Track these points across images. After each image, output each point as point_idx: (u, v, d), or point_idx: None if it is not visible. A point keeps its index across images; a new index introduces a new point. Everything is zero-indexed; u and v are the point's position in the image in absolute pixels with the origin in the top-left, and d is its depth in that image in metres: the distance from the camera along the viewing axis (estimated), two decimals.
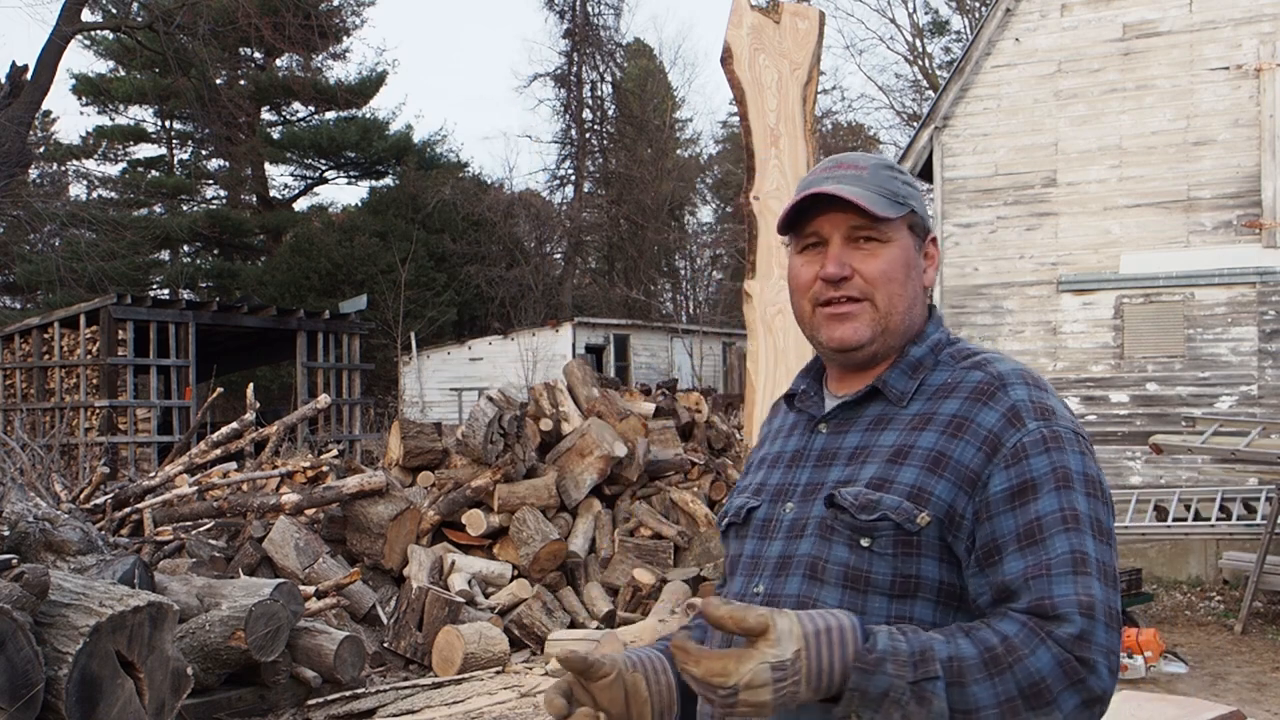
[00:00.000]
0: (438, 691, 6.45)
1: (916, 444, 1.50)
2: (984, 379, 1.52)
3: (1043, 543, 1.40)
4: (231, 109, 27.79)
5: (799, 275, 1.60)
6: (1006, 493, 1.44)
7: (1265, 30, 10.46)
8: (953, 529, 1.46)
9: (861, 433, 1.57)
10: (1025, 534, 1.42)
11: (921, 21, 30.37)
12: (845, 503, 1.49)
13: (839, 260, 1.55)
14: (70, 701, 4.38)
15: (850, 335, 1.56)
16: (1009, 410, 1.48)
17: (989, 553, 1.43)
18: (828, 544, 1.50)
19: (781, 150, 5.06)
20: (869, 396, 1.59)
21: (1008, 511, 1.43)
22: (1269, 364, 10.43)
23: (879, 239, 1.55)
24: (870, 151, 13.89)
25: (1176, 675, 7.12)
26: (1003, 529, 1.43)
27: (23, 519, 5.83)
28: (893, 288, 1.55)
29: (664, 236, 32.83)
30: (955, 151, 11.66)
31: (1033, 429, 1.46)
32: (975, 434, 1.47)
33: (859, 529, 1.48)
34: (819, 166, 1.63)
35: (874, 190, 1.54)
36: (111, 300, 16.66)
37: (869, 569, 1.47)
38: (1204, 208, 10.67)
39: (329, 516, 8.43)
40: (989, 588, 1.42)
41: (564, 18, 32.01)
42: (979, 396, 1.50)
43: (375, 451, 17.85)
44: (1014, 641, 1.34)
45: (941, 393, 1.54)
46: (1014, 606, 1.38)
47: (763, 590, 1.54)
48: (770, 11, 5.16)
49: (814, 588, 1.49)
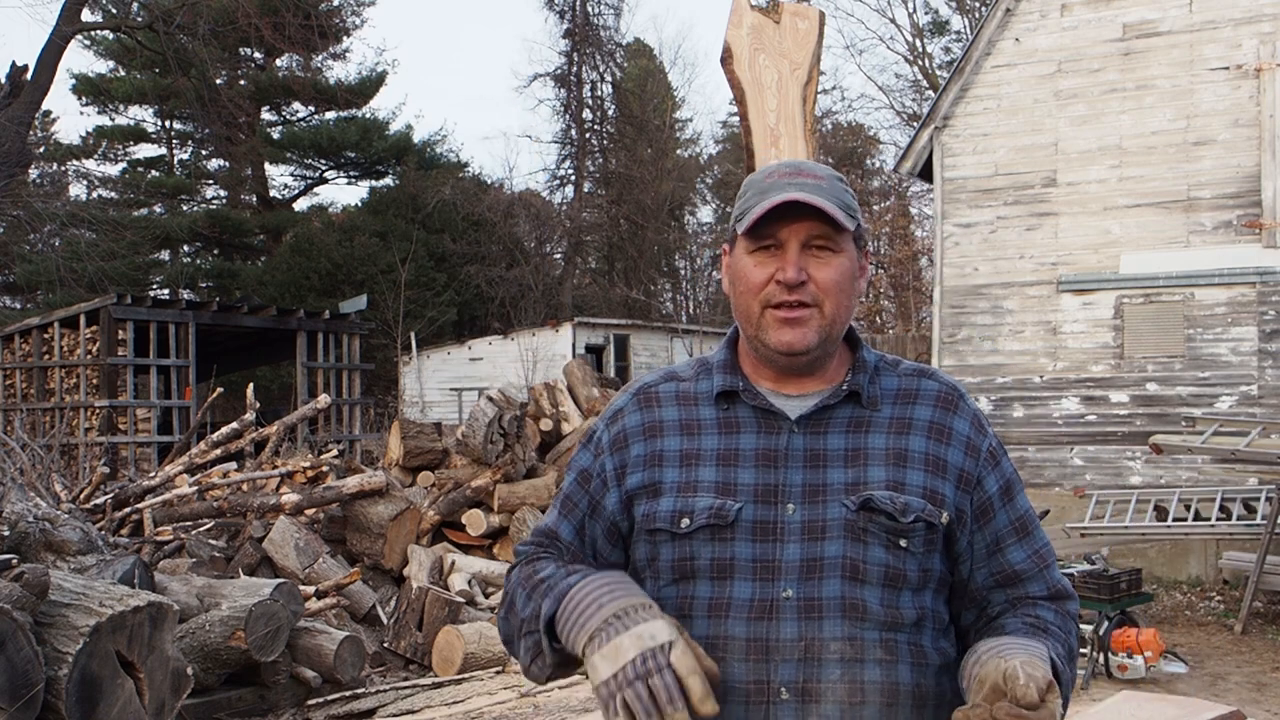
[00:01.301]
0: (438, 691, 6.45)
1: (909, 448, 1.63)
2: (941, 389, 1.70)
3: (1032, 533, 1.69)
4: (231, 109, 27.78)
5: (750, 275, 1.62)
6: (999, 491, 1.67)
7: (1265, 30, 10.46)
8: (960, 525, 1.64)
9: (844, 434, 1.63)
10: (1019, 527, 1.68)
11: (921, 21, 30.39)
12: (885, 506, 1.57)
13: (797, 265, 1.59)
14: (70, 701, 4.38)
15: (799, 340, 1.60)
16: (973, 420, 1.69)
17: (994, 544, 1.66)
18: (862, 545, 1.56)
19: (781, 150, 5.06)
20: (843, 399, 1.66)
21: (1002, 508, 1.67)
22: (1269, 364, 10.43)
23: (833, 248, 1.61)
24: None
25: (1176, 675, 7.12)
26: (1001, 523, 1.67)
27: (23, 519, 5.83)
28: (840, 297, 1.62)
29: (664, 236, 32.83)
30: (955, 151, 11.66)
31: (991, 435, 1.70)
32: (958, 440, 1.66)
33: (898, 531, 1.57)
34: (777, 171, 1.65)
35: (833, 200, 1.60)
36: (111, 300, 16.66)
37: (904, 567, 1.58)
38: (1204, 208, 10.67)
39: (329, 516, 8.43)
40: (993, 574, 1.66)
41: (564, 18, 32.01)
42: (946, 405, 1.68)
43: (375, 451, 17.85)
44: (1060, 630, 1.65)
45: (904, 398, 1.68)
46: (1034, 594, 1.66)
47: (793, 594, 1.55)
48: (770, 11, 5.16)
49: (855, 588, 1.56)
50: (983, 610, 1.67)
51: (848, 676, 1.53)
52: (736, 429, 1.65)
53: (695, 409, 1.69)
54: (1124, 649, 6.99)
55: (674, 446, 1.67)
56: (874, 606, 1.55)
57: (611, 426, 1.74)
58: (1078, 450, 11.09)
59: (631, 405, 1.75)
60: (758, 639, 1.54)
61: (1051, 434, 11.20)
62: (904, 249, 31.05)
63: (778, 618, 1.55)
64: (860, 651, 1.54)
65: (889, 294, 32.41)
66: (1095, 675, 6.92)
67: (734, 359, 1.71)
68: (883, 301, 32.43)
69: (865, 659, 1.53)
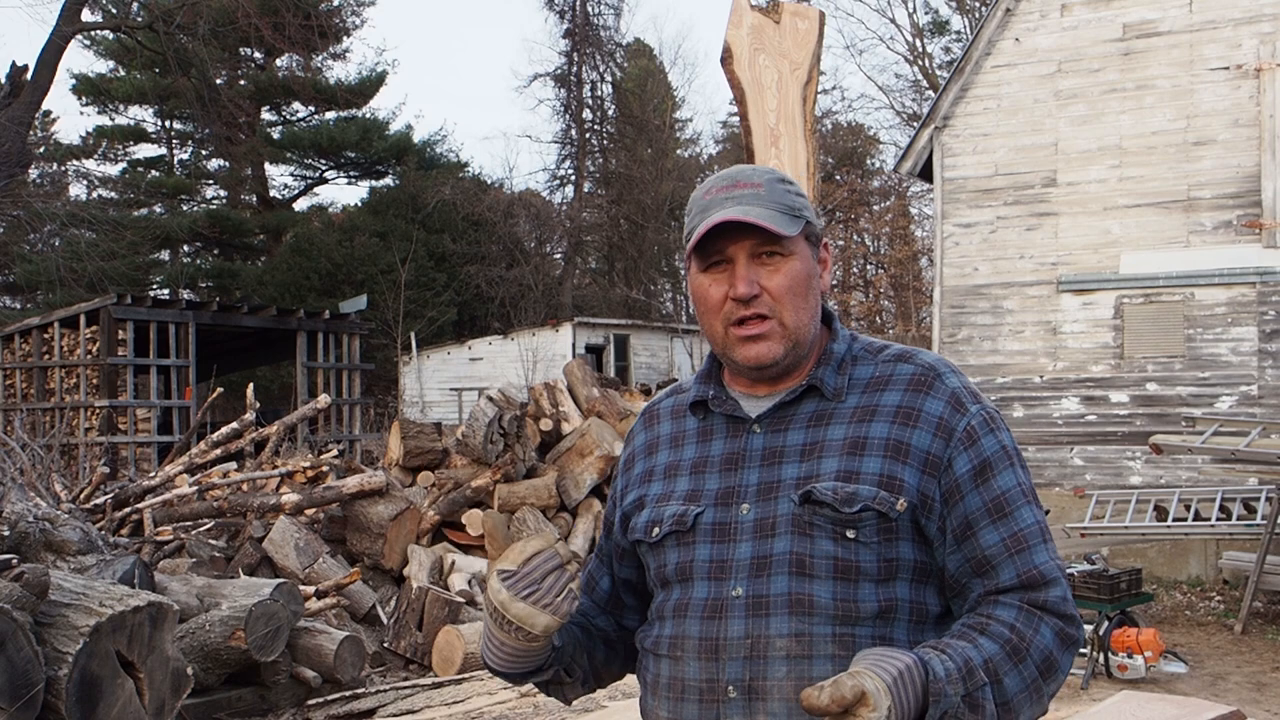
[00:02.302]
0: (438, 691, 6.45)
1: (869, 435, 1.59)
2: (917, 370, 1.64)
3: (1012, 515, 1.57)
4: (231, 109, 27.77)
5: (708, 296, 1.63)
6: (970, 472, 1.57)
7: (1265, 30, 10.46)
8: (925, 511, 1.56)
9: (804, 429, 1.63)
10: (994, 508, 1.56)
11: (921, 21, 30.39)
12: (826, 498, 1.54)
13: (748, 280, 1.59)
14: (70, 701, 4.37)
15: (765, 354, 1.61)
16: (950, 398, 1.61)
17: (964, 528, 1.56)
18: (809, 539, 1.55)
19: (781, 150, 5.06)
20: (803, 395, 1.65)
21: (974, 490, 1.57)
22: (1269, 364, 10.43)
23: (781, 254, 1.61)
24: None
25: (1176, 675, 7.12)
26: (972, 505, 1.56)
27: (23, 519, 5.83)
28: (797, 301, 1.61)
29: (664, 236, 32.81)
30: (955, 151, 11.66)
31: (974, 412, 1.60)
32: (927, 421, 1.59)
33: (843, 521, 1.54)
34: (715, 186, 1.65)
35: (773, 208, 1.60)
36: (111, 300, 16.65)
37: (856, 559, 1.54)
38: (1204, 208, 10.67)
39: (329, 516, 8.43)
40: (966, 561, 1.56)
41: (564, 18, 32.01)
42: (919, 387, 1.62)
43: (375, 451, 17.86)
44: (1019, 628, 1.50)
45: (875, 385, 1.64)
46: (1003, 584, 1.54)
47: (743, 592, 1.56)
48: (770, 11, 5.16)
49: (804, 583, 1.54)
50: (964, 600, 1.59)
51: (794, 674, 1.52)
52: (710, 436, 1.70)
53: (684, 421, 1.75)
54: (1124, 649, 6.99)
55: (663, 460, 1.73)
56: (824, 600, 1.52)
57: (625, 449, 1.85)
58: (1078, 450, 11.09)
59: (639, 426, 1.84)
60: (709, 638, 1.57)
61: (1051, 434, 11.20)
62: (904, 249, 31.05)
63: (727, 616, 1.56)
64: (808, 648, 1.52)
65: (889, 294, 32.41)
66: (1095, 675, 6.92)
67: (715, 368, 1.74)
68: (883, 301, 32.43)
69: (814, 655, 1.52)
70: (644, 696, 1.69)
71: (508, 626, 1.56)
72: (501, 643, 1.60)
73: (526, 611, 1.54)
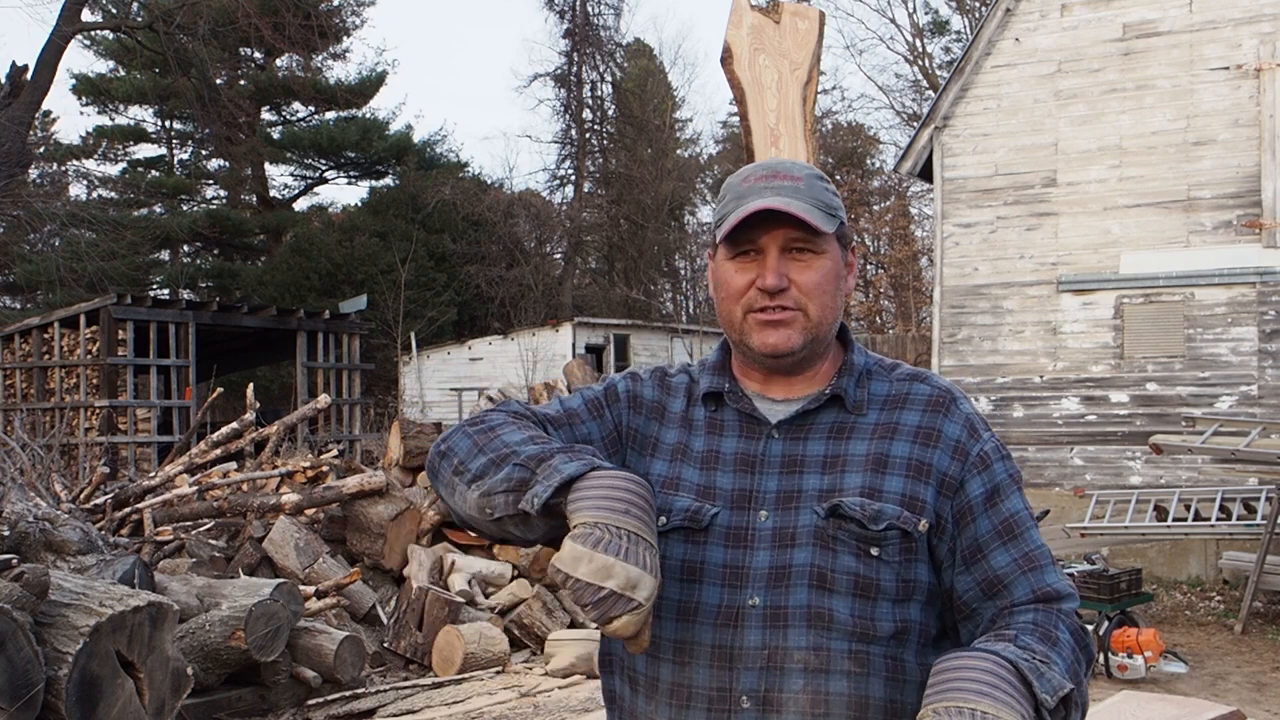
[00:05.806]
0: (438, 691, 6.45)
1: (891, 453, 1.58)
2: (934, 392, 1.64)
3: (1021, 536, 1.58)
4: (231, 109, 27.76)
5: (731, 282, 1.60)
6: (983, 496, 1.58)
7: (1265, 30, 10.46)
8: (938, 532, 1.57)
9: (825, 440, 1.60)
10: (1004, 530, 1.58)
11: (921, 21, 30.40)
12: (854, 513, 1.52)
13: (778, 272, 1.57)
14: (70, 701, 4.38)
15: (784, 342, 1.59)
16: (965, 423, 1.62)
17: (973, 550, 1.57)
18: (831, 554, 1.52)
19: (781, 150, 5.06)
20: (825, 404, 1.62)
21: (985, 513, 1.58)
22: (1269, 364, 10.43)
23: (814, 250, 1.58)
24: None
25: (1176, 675, 7.12)
26: (983, 528, 1.57)
27: (23, 519, 5.84)
28: (825, 299, 1.59)
29: (664, 236, 32.81)
30: (955, 151, 11.66)
31: (986, 439, 1.62)
32: (946, 444, 1.59)
33: (868, 539, 1.52)
34: (753, 175, 1.62)
35: (811, 203, 1.57)
36: (111, 300, 16.64)
37: (877, 576, 1.52)
38: (1204, 208, 10.67)
39: (329, 516, 8.43)
40: (976, 582, 1.57)
41: (564, 18, 32.00)
42: (937, 409, 1.62)
43: (375, 451, 17.85)
44: (1041, 622, 1.51)
45: (893, 403, 1.63)
46: (1018, 600, 1.55)
47: (760, 602, 1.53)
48: (770, 11, 5.16)
49: (823, 597, 1.51)
50: (975, 624, 1.57)
51: (810, 687, 1.49)
52: (720, 431, 1.65)
53: (694, 407, 1.70)
54: (1124, 649, 7.00)
55: (670, 439, 1.68)
56: (842, 616, 1.51)
57: (627, 383, 1.75)
58: (1078, 450, 11.09)
59: (652, 379, 1.76)
60: (723, 645, 1.53)
61: (1051, 434, 11.20)
62: (904, 249, 31.06)
63: (743, 625, 1.53)
64: (826, 662, 1.50)
65: (889, 294, 32.42)
66: (1095, 675, 6.92)
67: (725, 360, 1.71)
68: (883, 301, 32.44)
69: (831, 670, 1.50)
70: (630, 696, 1.63)
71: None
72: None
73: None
